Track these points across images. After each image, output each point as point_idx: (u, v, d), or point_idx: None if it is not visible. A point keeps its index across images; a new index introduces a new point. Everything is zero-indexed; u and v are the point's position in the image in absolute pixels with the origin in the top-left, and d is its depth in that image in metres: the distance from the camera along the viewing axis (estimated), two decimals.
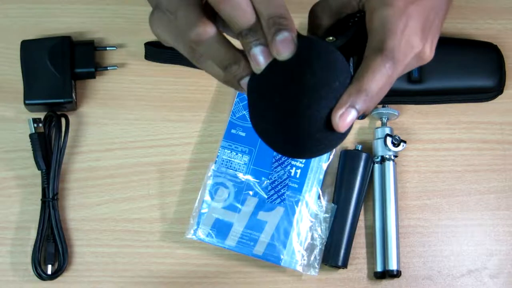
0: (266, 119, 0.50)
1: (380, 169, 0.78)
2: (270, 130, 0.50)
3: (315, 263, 0.75)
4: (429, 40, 0.53)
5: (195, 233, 0.76)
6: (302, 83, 0.48)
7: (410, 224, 0.78)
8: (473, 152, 0.81)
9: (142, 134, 0.79)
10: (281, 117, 0.49)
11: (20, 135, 0.78)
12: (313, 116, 0.48)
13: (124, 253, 0.76)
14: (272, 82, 0.49)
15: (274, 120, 0.49)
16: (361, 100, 0.49)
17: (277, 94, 0.49)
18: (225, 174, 0.77)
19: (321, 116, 0.49)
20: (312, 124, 0.49)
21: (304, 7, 0.83)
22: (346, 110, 0.49)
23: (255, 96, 0.50)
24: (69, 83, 0.77)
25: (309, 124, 0.49)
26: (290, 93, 0.48)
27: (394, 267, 0.75)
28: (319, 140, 0.50)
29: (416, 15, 0.52)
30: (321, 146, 0.51)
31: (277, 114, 0.49)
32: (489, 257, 0.78)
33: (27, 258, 0.75)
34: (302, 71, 0.48)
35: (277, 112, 0.49)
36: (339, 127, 0.49)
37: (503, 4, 0.84)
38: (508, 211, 0.79)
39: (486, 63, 0.80)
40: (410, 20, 0.52)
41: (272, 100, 0.49)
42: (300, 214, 0.76)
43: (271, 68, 0.49)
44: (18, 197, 0.77)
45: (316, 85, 0.48)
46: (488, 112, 0.82)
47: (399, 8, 0.52)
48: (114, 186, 0.78)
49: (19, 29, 0.81)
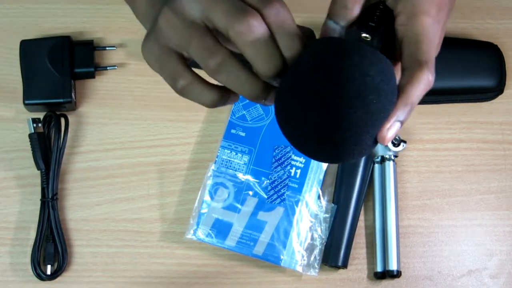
0: (304, 120, 0.48)
1: (380, 169, 0.78)
2: (307, 132, 0.48)
3: (315, 263, 0.75)
4: (439, 46, 0.53)
5: (195, 233, 0.76)
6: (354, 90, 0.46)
7: (410, 224, 0.78)
8: (473, 152, 0.81)
9: (142, 134, 0.79)
10: (323, 119, 0.47)
11: (20, 135, 0.78)
12: (359, 125, 0.47)
13: (124, 253, 0.76)
14: (319, 88, 0.47)
15: (314, 122, 0.47)
16: (407, 113, 0.49)
17: (322, 99, 0.47)
18: (225, 174, 0.77)
19: (367, 127, 0.47)
20: (357, 133, 0.47)
21: (304, 7, 0.83)
22: (393, 124, 0.48)
23: (293, 95, 0.48)
24: (69, 83, 0.77)
25: (354, 131, 0.47)
26: (337, 100, 0.46)
27: (394, 267, 0.75)
28: (357, 146, 0.48)
29: (443, 22, 0.52)
30: (355, 152, 0.49)
31: (318, 116, 0.47)
32: (489, 257, 0.78)
33: (26, 258, 0.75)
34: (354, 77, 0.46)
35: (319, 114, 0.47)
36: (386, 140, 0.48)
37: (503, 4, 0.85)
38: (508, 211, 0.79)
39: (486, 63, 0.80)
40: (440, 28, 0.52)
41: (316, 105, 0.47)
42: (300, 214, 0.76)
43: (314, 73, 0.47)
44: (18, 197, 0.77)
45: (366, 93, 0.47)
46: (488, 112, 0.82)
47: (435, 17, 0.51)
48: (114, 186, 0.78)
49: (18, 29, 0.81)
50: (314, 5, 0.83)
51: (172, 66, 0.49)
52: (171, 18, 0.48)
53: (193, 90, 0.49)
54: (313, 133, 0.48)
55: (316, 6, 0.83)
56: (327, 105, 0.46)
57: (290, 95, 0.48)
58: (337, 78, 0.46)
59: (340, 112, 0.46)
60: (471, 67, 0.80)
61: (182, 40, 0.48)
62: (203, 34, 0.48)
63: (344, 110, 0.46)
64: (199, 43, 0.48)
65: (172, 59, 0.49)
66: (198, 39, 0.48)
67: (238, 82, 0.48)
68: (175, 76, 0.49)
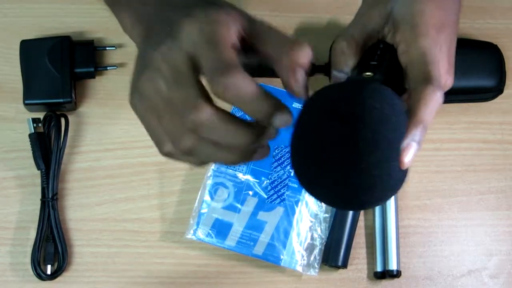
0: (326, 173, 0.48)
1: None
2: (331, 184, 0.48)
3: (315, 263, 0.75)
4: (452, 70, 0.54)
5: (195, 233, 0.76)
6: (363, 135, 0.47)
7: (410, 224, 0.78)
8: (473, 152, 0.80)
9: (142, 134, 0.78)
10: (344, 170, 0.47)
11: (20, 135, 0.78)
12: (379, 162, 0.47)
13: (124, 253, 0.76)
14: (328, 135, 0.47)
15: (336, 173, 0.47)
16: (420, 133, 0.50)
17: (335, 147, 0.46)
18: (225, 174, 0.77)
19: (387, 160, 0.48)
20: (375, 170, 0.47)
21: (304, 7, 0.83)
22: (409, 144, 0.49)
23: (306, 152, 0.48)
24: (69, 83, 0.77)
25: (376, 169, 0.47)
26: (351, 146, 0.46)
27: (394, 267, 0.75)
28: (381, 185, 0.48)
29: (445, 43, 0.53)
30: (379, 195, 0.49)
31: (337, 167, 0.47)
32: (489, 257, 0.78)
33: (26, 258, 0.75)
34: (363, 119, 0.47)
35: (337, 166, 0.47)
36: (405, 164, 0.48)
37: (503, 4, 0.84)
38: (508, 211, 0.79)
39: (486, 63, 0.80)
40: (443, 48, 0.53)
41: (331, 155, 0.47)
42: (300, 214, 0.76)
43: (323, 123, 0.47)
44: (18, 197, 0.77)
45: (377, 134, 0.47)
46: (488, 112, 0.82)
47: (434, 38, 0.52)
48: (114, 186, 0.78)
49: (18, 29, 0.81)
50: (314, 5, 0.83)
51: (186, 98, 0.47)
52: (147, 89, 0.48)
53: (202, 150, 0.48)
54: (345, 188, 0.47)
55: (316, 6, 0.83)
56: (345, 154, 0.46)
57: (304, 155, 0.48)
58: (339, 122, 0.47)
59: (360, 153, 0.46)
60: (471, 67, 0.80)
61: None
62: (190, 85, 0.47)
63: (363, 149, 0.46)
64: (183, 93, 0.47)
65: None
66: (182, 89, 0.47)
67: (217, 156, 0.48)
68: (191, 108, 0.47)
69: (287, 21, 0.83)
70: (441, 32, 0.53)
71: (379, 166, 0.47)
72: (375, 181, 0.47)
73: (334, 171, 0.47)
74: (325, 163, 0.47)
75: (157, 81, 0.47)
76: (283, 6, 0.83)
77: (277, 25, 0.82)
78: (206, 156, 0.48)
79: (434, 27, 0.53)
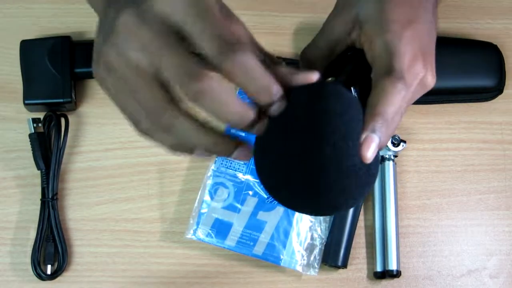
0: (285, 177, 0.47)
1: (380, 169, 0.78)
2: (295, 188, 0.47)
3: (314, 263, 0.75)
4: (429, 66, 0.52)
5: (195, 233, 0.76)
6: (321, 131, 0.46)
7: (410, 224, 0.78)
8: (473, 152, 0.81)
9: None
10: (304, 170, 0.46)
11: (20, 135, 0.78)
12: (337, 158, 0.46)
13: (123, 253, 0.76)
14: (286, 137, 0.46)
15: (296, 176, 0.46)
16: (378, 124, 0.48)
17: (294, 146, 0.46)
18: (225, 174, 0.77)
19: (345, 157, 0.46)
20: (336, 168, 0.46)
21: (304, 7, 0.83)
22: (368, 137, 0.47)
23: (268, 155, 0.47)
24: (69, 83, 0.77)
25: (334, 167, 0.46)
26: (309, 144, 0.46)
27: (394, 267, 0.75)
28: (346, 187, 0.47)
29: (413, 39, 0.52)
30: (348, 194, 0.47)
31: (299, 167, 0.46)
32: (489, 257, 0.78)
33: (26, 258, 0.75)
34: (318, 118, 0.46)
35: (299, 165, 0.46)
36: (365, 156, 0.46)
37: (503, 4, 0.85)
38: (508, 211, 0.79)
39: (486, 63, 0.80)
40: (410, 43, 0.51)
41: (290, 154, 0.46)
42: (300, 214, 0.76)
43: (282, 125, 0.46)
44: (18, 197, 0.77)
45: (335, 127, 0.46)
46: (488, 112, 0.82)
47: (397, 32, 0.51)
48: (114, 186, 0.78)
49: (18, 29, 0.81)
50: (314, 5, 0.83)
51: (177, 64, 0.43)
52: (114, 59, 0.44)
53: (179, 129, 0.45)
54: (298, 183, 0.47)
55: (316, 6, 0.83)
56: (304, 152, 0.46)
57: (268, 155, 0.47)
58: (297, 123, 0.46)
59: (316, 150, 0.45)
60: (471, 67, 0.80)
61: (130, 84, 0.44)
62: (150, 84, 0.43)
63: (319, 147, 0.45)
64: (147, 96, 0.43)
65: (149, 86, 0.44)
66: (145, 90, 0.43)
67: (196, 138, 0.45)
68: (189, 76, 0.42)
69: (287, 21, 0.83)
70: (407, 28, 0.52)
71: (338, 166, 0.46)
72: (338, 182, 0.46)
73: (295, 178, 0.46)
74: (287, 170, 0.47)
75: (131, 48, 0.43)
76: (283, 6, 0.83)
77: (277, 25, 0.83)
78: (186, 135, 0.45)
79: (398, 23, 0.52)
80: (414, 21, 0.52)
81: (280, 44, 0.82)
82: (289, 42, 0.82)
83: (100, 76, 0.45)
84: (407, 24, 0.52)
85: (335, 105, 0.47)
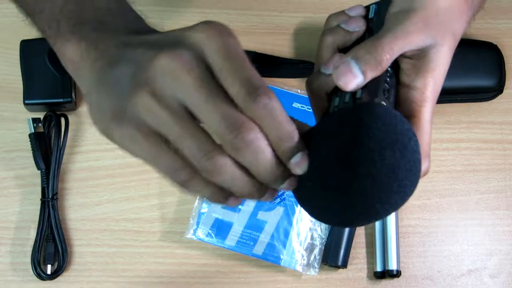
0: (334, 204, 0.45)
1: None
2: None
3: (314, 263, 0.75)
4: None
5: (195, 233, 0.76)
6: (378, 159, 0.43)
7: (410, 224, 0.78)
8: (473, 152, 0.81)
9: None
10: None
11: (20, 135, 0.78)
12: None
13: (124, 253, 0.76)
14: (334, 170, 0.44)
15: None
16: (367, 55, 0.48)
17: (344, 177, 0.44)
18: None
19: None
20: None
21: (304, 7, 0.83)
22: (346, 63, 0.47)
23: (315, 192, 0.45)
24: (69, 83, 0.77)
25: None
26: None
27: (394, 267, 0.75)
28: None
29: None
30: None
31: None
32: (489, 256, 0.78)
33: (26, 258, 0.75)
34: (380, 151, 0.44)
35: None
36: (336, 81, 0.47)
37: (503, 4, 0.85)
38: (508, 211, 0.79)
39: (486, 63, 0.80)
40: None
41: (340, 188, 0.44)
42: (300, 213, 0.76)
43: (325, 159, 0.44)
44: (18, 197, 0.77)
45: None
46: (488, 112, 0.82)
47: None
48: (114, 186, 0.78)
49: (18, 29, 0.80)
50: (314, 5, 0.83)
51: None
52: (148, 101, 0.42)
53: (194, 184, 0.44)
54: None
55: (316, 6, 0.83)
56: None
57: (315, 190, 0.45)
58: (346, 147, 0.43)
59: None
60: (471, 67, 0.80)
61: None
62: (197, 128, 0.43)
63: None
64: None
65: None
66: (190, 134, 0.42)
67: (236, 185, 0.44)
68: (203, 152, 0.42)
69: (287, 21, 0.83)
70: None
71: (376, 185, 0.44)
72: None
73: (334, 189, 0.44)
74: (328, 185, 0.44)
75: (169, 92, 0.42)
76: (283, 6, 0.83)
77: (277, 25, 0.83)
78: (229, 183, 0.44)
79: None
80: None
81: (280, 44, 0.82)
82: (289, 42, 0.82)
83: (127, 131, 0.43)
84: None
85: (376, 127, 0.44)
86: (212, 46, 0.42)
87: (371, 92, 0.48)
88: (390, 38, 0.48)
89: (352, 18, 0.53)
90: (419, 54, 0.50)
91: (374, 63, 0.47)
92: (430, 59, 0.50)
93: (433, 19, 0.50)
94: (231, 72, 0.41)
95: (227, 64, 0.41)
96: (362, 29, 0.53)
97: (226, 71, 0.41)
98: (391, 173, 0.43)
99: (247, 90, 0.41)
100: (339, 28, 0.53)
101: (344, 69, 0.47)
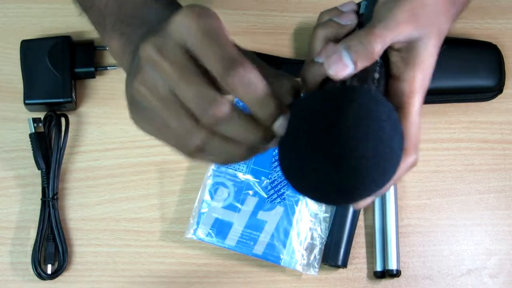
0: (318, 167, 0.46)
1: None
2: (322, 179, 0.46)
3: (314, 263, 0.76)
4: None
5: (195, 233, 0.76)
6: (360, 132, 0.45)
7: (410, 224, 0.78)
8: (473, 152, 0.81)
9: (142, 134, 0.79)
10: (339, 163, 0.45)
11: (20, 135, 0.78)
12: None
13: (124, 252, 0.76)
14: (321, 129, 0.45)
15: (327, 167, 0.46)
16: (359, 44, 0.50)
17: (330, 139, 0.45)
18: (225, 173, 0.77)
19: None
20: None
21: (304, 7, 0.83)
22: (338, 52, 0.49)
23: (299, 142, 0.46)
24: (69, 83, 0.77)
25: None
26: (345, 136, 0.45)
27: (394, 266, 0.75)
28: None
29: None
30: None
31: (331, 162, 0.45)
32: (488, 256, 0.78)
33: (27, 258, 0.75)
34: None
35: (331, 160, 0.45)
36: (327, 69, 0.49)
37: (503, 4, 0.85)
38: (508, 211, 0.79)
39: (486, 63, 0.80)
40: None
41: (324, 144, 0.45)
42: (300, 213, 0.76)
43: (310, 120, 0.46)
44: (18, 196, 0.77)
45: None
46: (488, 112, 0.82)
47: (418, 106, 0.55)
48: (114, 186, 0.78)
49: (19, 29, 0.81)
50: (314, 5, 0.83)
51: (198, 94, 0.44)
52: (146, 93, 0.45)
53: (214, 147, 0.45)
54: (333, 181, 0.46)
55: (316, 6, 0.83)
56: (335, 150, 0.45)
57: (295, 154, 0.46)
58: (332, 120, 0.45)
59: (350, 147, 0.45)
60: (471, 67, 0.80)
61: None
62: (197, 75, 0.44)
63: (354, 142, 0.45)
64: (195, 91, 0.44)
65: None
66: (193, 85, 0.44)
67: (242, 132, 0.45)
68: (206, 104, 0.44)
69: (287, 21, 0.83)
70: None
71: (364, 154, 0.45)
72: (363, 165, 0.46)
73: (321, 161, 0.46)
74: (311, 154, 0.46)
75: (154, 80, 0.44)
76: (283, 6, 0.83)
77: (277, 25, 0.83)
78: (218, 152, 0.46)
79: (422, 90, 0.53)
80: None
81: (280, 44, 0.82)
82: (289, 42, 0.82)
83: (136, 117, 0.49)
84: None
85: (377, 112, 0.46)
86: (190, 30, 0.43)
87: (360, 80, 0.49)
88: (381, 28, 0.50)
89: (345, 13, 0.55)
90: (407, 47, 0.52)
91: (365, 53, 0.49)
92: (418, 52, 0.52)
93: (420, 10, 0.51)
94: (208, 52, 0.43)
95: (204, 45, 0.43)
96: (354, 23, 0.54)
97: (203, 51, 0.43)
98: (366, 141, 0.45)
99: (223, 65, 0.42)
100: (332, 22, 0.54)
101: (336, 58, 0.49)
